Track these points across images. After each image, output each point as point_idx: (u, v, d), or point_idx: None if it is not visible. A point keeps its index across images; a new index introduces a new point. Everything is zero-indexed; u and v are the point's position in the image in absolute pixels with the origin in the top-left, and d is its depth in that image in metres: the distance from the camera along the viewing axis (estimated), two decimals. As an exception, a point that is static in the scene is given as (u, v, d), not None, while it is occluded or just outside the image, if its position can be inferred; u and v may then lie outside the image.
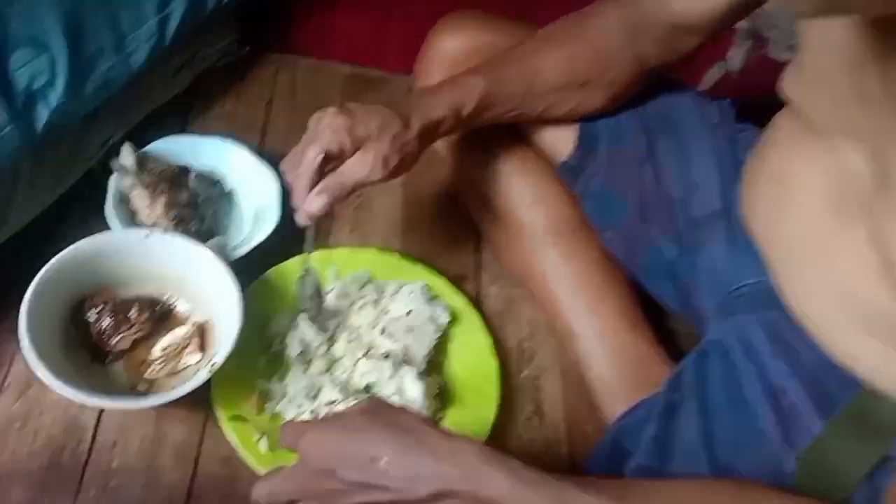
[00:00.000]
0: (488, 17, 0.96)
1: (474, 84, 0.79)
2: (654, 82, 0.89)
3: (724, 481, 0.63)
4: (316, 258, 0.91)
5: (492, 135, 0.92)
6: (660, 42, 0.81)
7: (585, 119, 0.89)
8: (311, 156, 0.72)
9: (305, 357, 0.81)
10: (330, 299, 0.88)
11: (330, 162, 0.72)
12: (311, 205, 0.72)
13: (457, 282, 0.96)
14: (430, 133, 0.78)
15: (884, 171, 0.57)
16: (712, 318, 0.81)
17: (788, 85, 0.68)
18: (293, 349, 0.81)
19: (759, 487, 0.59)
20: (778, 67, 0.70)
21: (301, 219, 0.74)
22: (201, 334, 0.81)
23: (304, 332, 0.82)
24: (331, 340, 0.84)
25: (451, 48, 0.94)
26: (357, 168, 0.73)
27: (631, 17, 0.81)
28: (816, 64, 0.63)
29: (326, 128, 0.72)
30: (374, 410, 0.56)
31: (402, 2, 1.29)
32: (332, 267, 0.92)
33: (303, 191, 0.72)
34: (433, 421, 0.64)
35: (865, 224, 0.60)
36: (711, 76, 1.27)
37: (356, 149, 0.73)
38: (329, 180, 0.72)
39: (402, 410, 0.57)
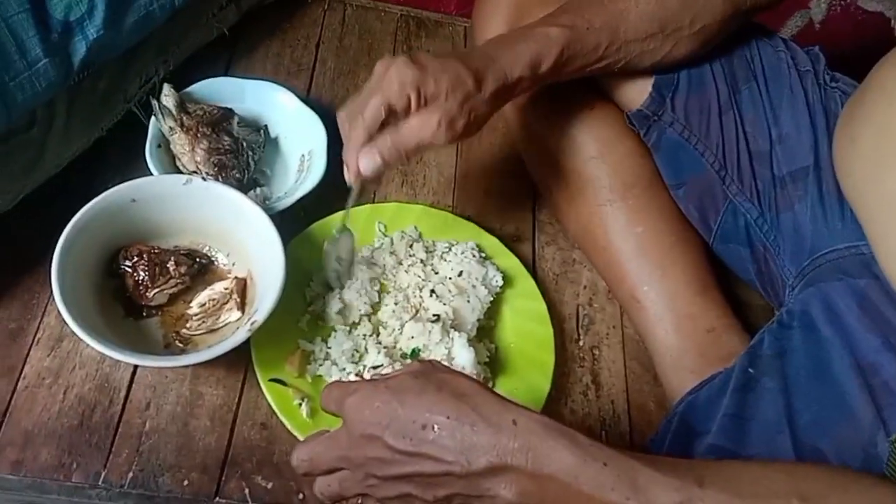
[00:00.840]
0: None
1: (554, 36, 0.71)
2: (741, 27, 0.80)
3: (813, 465, 0.56)
4: (360, 213, 0.86)
5: (556, 85, 0.84)
6: None
7: None
8: (372, 107, 0.65)
9: (347, 318, 0.77)
10: (378, 257, 0.82)
11: (392, 116, 0.66)
12: (363, 164, 0.66)
13: (512, 242, 0.90)
14: (504, 94, 0.70)
15: None
16: (794, 286, 0.74)
17: None
18: (333, 306, 0.76)
19: (853, 475, 0.52)
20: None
21: (350, 177, 0.69)
22: (241, 290, 0.77)
23: (346, 292, 0.77)
24: (377, 302, 0.79)
25: None
26: (420, 129, 0.66)
27: None
28: None
29: (394, 79, 0.65)
30: (427, 373, 0.51)
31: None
32: (379, 222, 0.86)
33: (357, 145, 0.66)
34: (491, 388, 0.58)
35: None
36: (793, 24, 1.17)
37: (421, 106, 0.66)
38: (387, 140, 0.66)
39: (457, 374, 0.52)
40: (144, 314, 0.74)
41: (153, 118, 0.85)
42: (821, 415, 0.63)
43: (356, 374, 0.71)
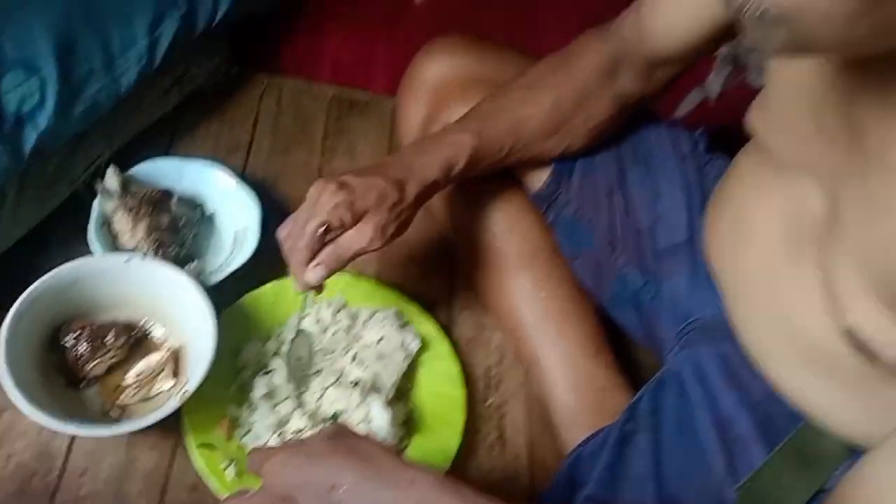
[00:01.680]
0: (474, 42, 0.98)
1: (465, 143, 0.81)
2: (632, 113, 0.91)
3: None
4: (290, 283, 0.93)
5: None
6: (639, 74, 0.83)
7: None
8: (311, 229, 0.73)
9: (272, 399, 0.83)
10: (305, 324, 0.90)
11: (329, 233, 0.74)
12: (309, 276, 0.74)
13: (430, 307, 0.98)
14: (424, 196, 0.79)
15: (835, 209, 0.59)
16: (671, 348, 0.83)
17: (754, 117, 0.70)
18: (258, 390, 0.83)
19: None
20: (754, 95, 0.71)
21: (298, 286, 0.76)
22: (175, 360, 0.84)
23: (276, 378, 0.85)
24: (304, 375, 0.86)
25: (435, 73, 0.96)
26: (356, 239, 0.75)
27: (611, 51, 0.83)
28: (782, 98, 0.65)
29: (327, 203, 0.73)
30: (337, 437, 0.57)
31: (388, 25, 1.32)
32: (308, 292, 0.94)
33: (302, 260, 0.74)
34: (394, 450, 0.65)
35: (815, 261, 0.62)
36: (689, 101, 1.29)
37: (356, 221, 0.74)
38: (328, 252, 0.74)
39: (364, 438, 0.58)
40: (84, 385, 0.81)
41: (97, 198, 0.92)
42: (683, 468, 0.71)
43: (278, 441, 0.79)
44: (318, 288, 0.77)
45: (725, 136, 0.91)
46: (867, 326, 0.55)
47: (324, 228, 0.73)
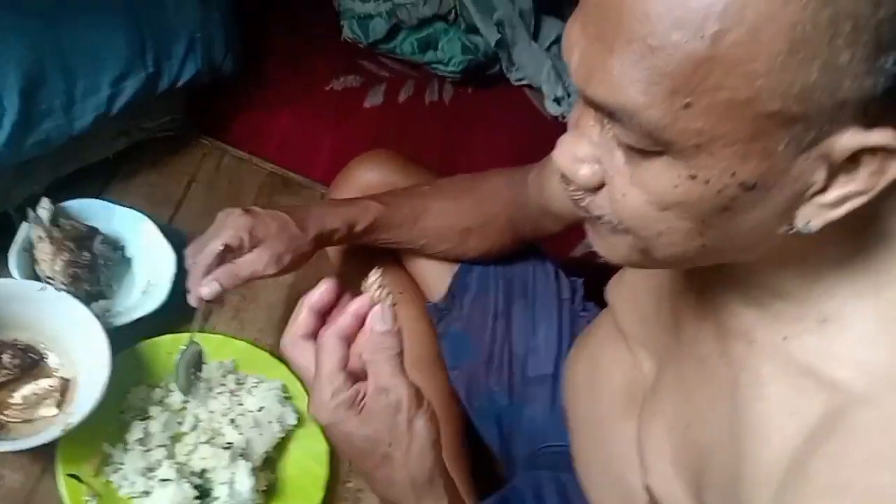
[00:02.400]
0: (402, 159, 1.10)
1: (371, 208, 0.91)
2: (527, 251, 1.03)
3: None
4: (197, 341, 0.99)
5: (379, 264, 1.04)
6: (532, 220, 0.94)
7: (461, 268, 1.01)
8: (212, 247, 0.82)
9: (146, 444, 0.88)
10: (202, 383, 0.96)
11: (230, 253, 0.82)
12: (203, 290, 0.82)
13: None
14: (323, 240, 0.89)
15: (659, 381, 0.70)
16: (520, 467, 0.93)
17: (611, 290, 0.82)
18: (135, 433, 0.88)
19: None
20: None
21: (192, 300, 0.83)
22: (64, 390, 0.88)
23: (153, 426, 0.90)
24: (179, 420, 0.92)
25: (365, 180, 1.06)
26: (252, 262, 0.83)
27: (514, 192, 0.94)
28: (635, 279, 0.76)
29: (231, 225, 0.82)
30: None
31: (338, 122, 1.43)
32: (204, 349, 1.00)
33: (199, 275, 0.82)
34: None
35: (636, 422, 0.73)
36: (585, 245, 1.44)
37: (254, 246, 0.83)
38: (224, 269, 0.82)
39: None
40: (-30, 398, 0.84)
41: (25, 224, 0.97)
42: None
43: (143, 491, 0.83)
44: (216, 301, 0.83)
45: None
46: (661, 488, 0.64)
47: (223, 248, 0.81)
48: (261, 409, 0.95)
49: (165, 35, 1.13)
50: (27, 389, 0.87)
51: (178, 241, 1.08)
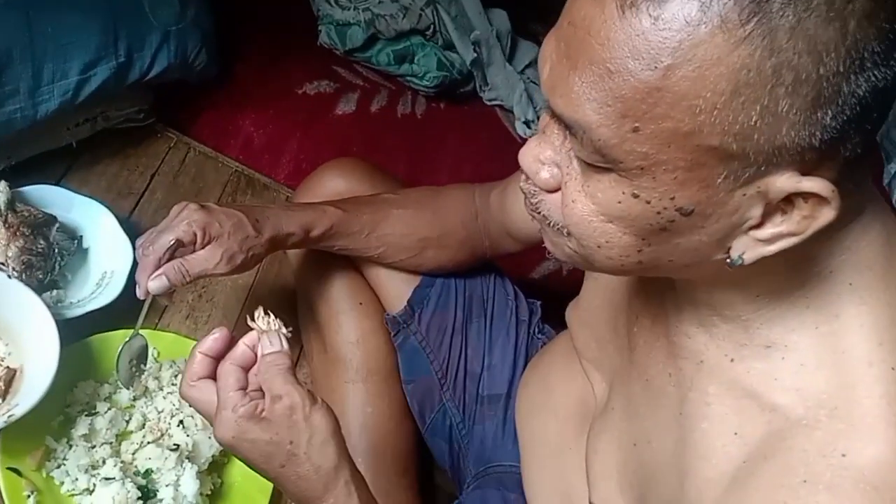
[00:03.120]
0: (370, 168, 1.10)
1: (328, 213, 0.90)
2: (488, 270, 1.04)
3: None
4: (143, 334, 0.98)
5: (340, 272, 1.04)
6: (491, 237, 0.95)
7: (422, 280, 1.01)
8: (164, 240, 0.80)
9: (90, 440, 0.87)
10: (143, 378, 0.94)
11: (182, 248, 0.81)
12: (152, 285, 0.80)
13: (266, 392, 1.04)
14: (278, 242, 0.87)
15: (610, 400, 0.72)
16: (470, 485, 0.94)
17: (569, 312, 0.83)
18: (80, 429, 0.86)
19: None
20: None
21: (139, 292, 0.82)
22: (9, 380, 0.86)
23: (99, 422, 0.88)
24: (126, 418, 0.90)
25: (330, 187, 1.05)
26: (203, 259, 0.82)
27: (477, 208, 0.95)
28: (591, 302, 0.78)
29: (185, 219, 0.81)
30: None
31: (306, 126, 1.42)
32: (154, 347, 0.99)
33: (148, 268, 0.80)
34: None
35: (585, 441, 0.74)
36: (545, 267, 1.45)
37: (207, 243, 0.82)
38: (174, 263, 0.80)
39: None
40: None
41: (-21, 206, 0.95)
42: None
43: (86, 489, 0.81)
44: (165, 297, 0.82)
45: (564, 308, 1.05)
46: None
47: (174, 242, 0.80)
48: (211, 411, 0.94)
49: (139, 26, 1.12)
50: (-29, 377, 0.84)
51: (137, 235, 1.05)
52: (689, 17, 0.41)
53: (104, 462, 0.85)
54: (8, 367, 0.87)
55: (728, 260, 0.48)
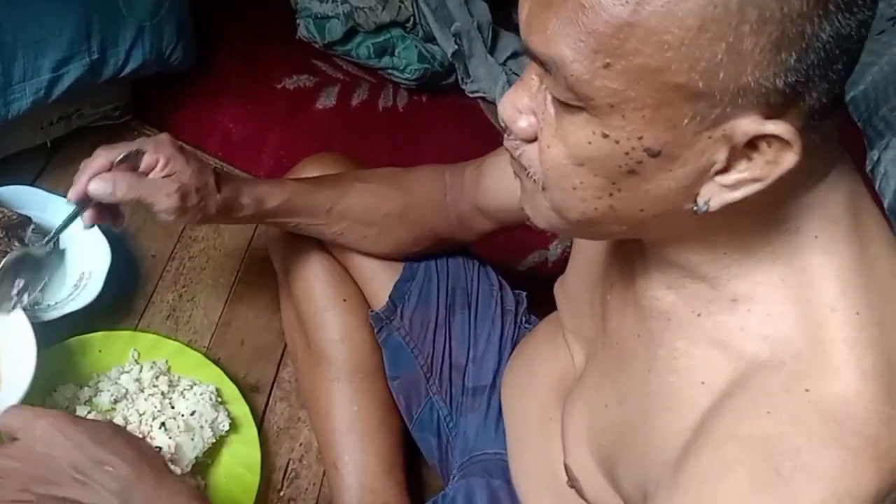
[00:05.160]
0: (350, 162, 1.08)
1: (287, 185, 0.87)
2: (471, 262, 1.03)
3: None
4: (120, 336, 0.96)
5: (323, 270, 1.02)
6: (460, 215, 0.93)
7: (402, 274, 1.00)
8: (124, 148, 0.75)
9: None
10: (124, 381, 0.93)
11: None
12: (95, 185, 0.73)
13: (249, 391, 1.03)
14: (230, 208, 0.83)
15: (584, 371, 0.73)
16: (455, 476, 0.93)
17: (557, 287, 0.83)
18: None
19: None
20: None
21: (71, 193, 0.75)
22: (-16, 384, 0.84)
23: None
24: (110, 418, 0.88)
25: None
26: (156, 186, 0.75)
27: (446, 186, 0.93)
28: (576, 274, 0.78)
29: (153, 143, 0.76)
30: (120, 428, 0.63)
31: (286, 121, 1.41)
32: (135, 349, 0.97)
33: (94, 168, 0.74)
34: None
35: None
36: (531, 260, 1.45)
37: (165, 175, 0.76)
38: (127, 177, 0.74)
39: (147, 443, 0.64)
40: None
41: (-49, 208, 0.93)
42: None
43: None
44: (110, 217, 0.77)
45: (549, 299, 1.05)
46: (578, 469, 0.68)
47: (132, 152, 0.74)
48: (193, 412, 0.93)
49: (113, 21, 1.09)
50: (-56, 383, 0.82)
51: (114, 236, 1.04)
52: None
53: (84, 467, 0.83)
54: (-17, 370, 0.85)
55: (695, 208, 0.48)
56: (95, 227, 1.02)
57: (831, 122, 0.49)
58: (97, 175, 0.74)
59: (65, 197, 1.03)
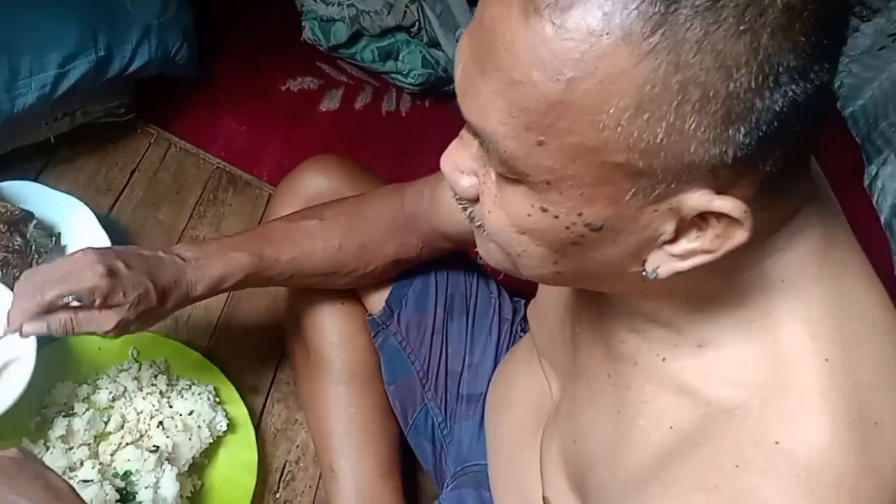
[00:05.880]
0: (350, 164, 1.08)
1: (243, 263, 0.83)
2: (470, 268, 1.03)
3: None
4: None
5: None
6: (423, 238, 0.91)
7: (398, 283, 1.00)
8: (56, 294, 0.72)
9: (67, 442, 0.85)
10: (123, 379, 0.93)
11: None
12: (29, 327, 0.73)
13: (247, 392, 1.03)
14: (183, 304, 0.82)
15: (560, 401, 0.73)
16: (448, 485, 0.94)
17: (529, 310, 0.83)
18: (57, 430, 0.85)
19: None
20: None
21: (9, 326, 0.74)
22: (-17, 381, 0.84)
23: (77, 423, 0.87)
24: (105, 419, 0.89)
25: (309, 186, 1.04)
26: (96, 321, 0.74)
27: (408, 209, 0.90)
28: (544, 301, 0.78)
29: (87, 281, 0.73)
30: (24, 462, 0.58)
31: (289, 125, 1.41)
32: (134, 347, 0.97)
33: (31, 309, 0.72)
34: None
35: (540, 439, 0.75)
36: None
37: (104, 307, 0.74)
38: (62, 316, 0.73)
39: (52, 471, 0.59)
40: None
41: (-46, 203, 0.93)
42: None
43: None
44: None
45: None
46: (555, 499, 0.68)
47: (69, 300, 0.72)
48: (191, 412, 0.93)
49: (120, 19, 1.10)
50: (-57, 378, 0.82)
51: (117, 232, 1.04)
52: (592, 27, 0.39)
53: (82, 464, 0.83)
54: (-18, 367, 0.85)
55: (643, 273, 0.47)
56: (99, 227, 1.03)
57: (799, 168, 0.47)
58: (32, 317, 0.72)
59: (68, 194, 1.05)
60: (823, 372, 0.47)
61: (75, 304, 0.72)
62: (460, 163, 0.50)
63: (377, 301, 1.02)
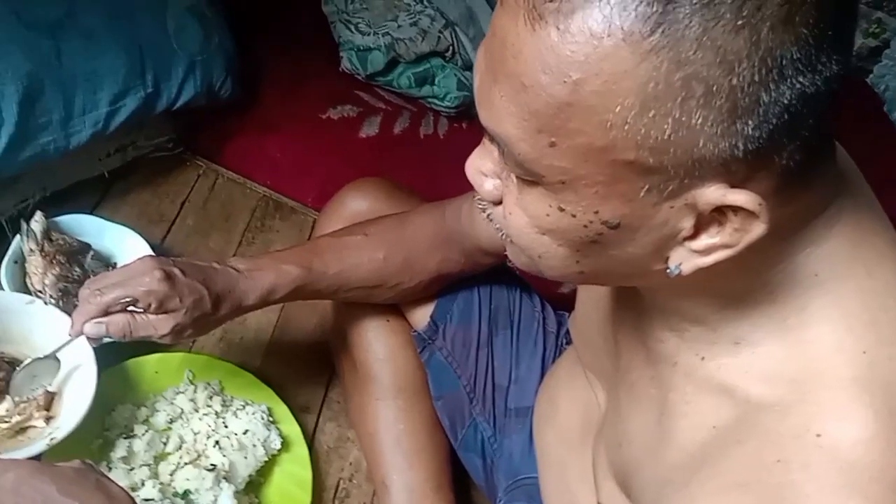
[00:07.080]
0: (390, 185, 1.10)
1: (293, 275, 0.85)
2: (513, 282, 1.03)
3: None
4: (174, 358, 0.99)
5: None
6: (466, 254, 0.93)
7: (443, 298, 1.02)
8: (115, 296, 0.76)
9: (129, 463, 0.88)
10: (180, 401, 0.96)
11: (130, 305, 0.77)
12: (90, 329, 0.77)
13: (300, 411, 1.05)
14: (236, 314, 0.85)
15: (605, 411, 0.73)
16: (501, 499, 0.94)
17: (571, 323, 0.84)
18: (118, 451, 0.88)
19: None
20: None
21: (71, 329, 0.78)
22: (48, 403, 0.87)
23: (137, 444, 0.89)
24: (164, 440, 0.91)
25: (353, 207, 1.06)
26: (153, 326, 0.77)
27: (448, 227, 0.92)
28: (585, 314, 0.78)
29: (145, 286, 0.76)
30: (87, 472, 0.60)
31: (332, 150, 1.44)
32: (189, 370, 1.00)
33: (91, 312, 0.76)
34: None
35: (591, 447, 0.75)
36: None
37: (161, 312, 0.78)
38: (119, 320, 0.76)
39: (113, 482, 0.61)
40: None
41: (18, 236, 0.97)
42: None
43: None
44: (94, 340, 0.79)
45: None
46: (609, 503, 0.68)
47: (128, 300, 0.76)
48: (245, 431, 0.95)
49: (166, 56, 1.14)
50: (9, 402, 0.86)
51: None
52: (594, 29, 0.40)
53: (143, 484, 0.86)
54: (47, 391, 0.88)
55: (667, 270, 0.47)
56: (151, 253, 1.06)
57: (821, 162, 0.47)
58: (93, 320, 0.77)
59: (122, 225, 1.09)
60: (862, 364, 0.47)
61: (135, 308, 0.76)
62: (483, 167, 0.51)
63: (422, 317, 1.04)
